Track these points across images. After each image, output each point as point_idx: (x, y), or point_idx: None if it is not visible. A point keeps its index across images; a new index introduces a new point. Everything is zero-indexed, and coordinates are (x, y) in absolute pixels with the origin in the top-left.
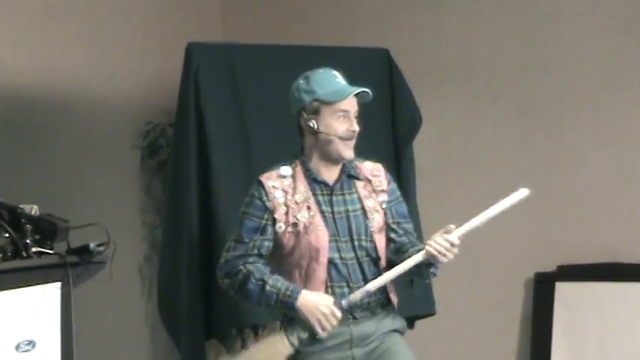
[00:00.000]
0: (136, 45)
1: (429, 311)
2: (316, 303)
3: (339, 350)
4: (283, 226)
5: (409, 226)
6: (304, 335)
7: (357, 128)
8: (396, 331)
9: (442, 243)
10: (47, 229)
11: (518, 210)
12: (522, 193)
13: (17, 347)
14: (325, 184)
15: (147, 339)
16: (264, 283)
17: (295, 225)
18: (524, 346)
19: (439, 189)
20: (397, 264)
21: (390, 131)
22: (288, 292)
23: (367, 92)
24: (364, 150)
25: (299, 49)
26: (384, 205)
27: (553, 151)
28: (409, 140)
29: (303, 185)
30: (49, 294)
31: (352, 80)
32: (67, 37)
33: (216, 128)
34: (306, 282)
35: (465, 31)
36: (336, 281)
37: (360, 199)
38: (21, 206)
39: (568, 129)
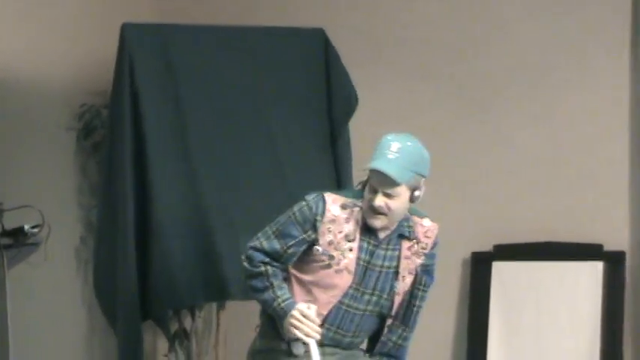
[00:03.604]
0: (69, 25)
1: None
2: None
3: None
4: (320, 250)
5: (425, 294)
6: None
7: (378, 204)
8: None
9: None
10: None
11: (454, 190)
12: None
13: None
14: (376, 236)
15: (83, 321)
16: (271, 286)
17: (331, 257)
18: (461, 325)
19: None
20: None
21: (326, 112)
22: (282, 305)
23: (394, 180)
24: (299, 132)
25: (234, 29)
26: (418, 269)
27: (487, 131)
28: (345, 121)
29: (355, 224)
30: None
31: (287, 60)
32: None
33: (151, 110)
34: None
35: (400, 11)
36: (329, 322)
37: (398, 259)
38: None
39: (501, 109)
